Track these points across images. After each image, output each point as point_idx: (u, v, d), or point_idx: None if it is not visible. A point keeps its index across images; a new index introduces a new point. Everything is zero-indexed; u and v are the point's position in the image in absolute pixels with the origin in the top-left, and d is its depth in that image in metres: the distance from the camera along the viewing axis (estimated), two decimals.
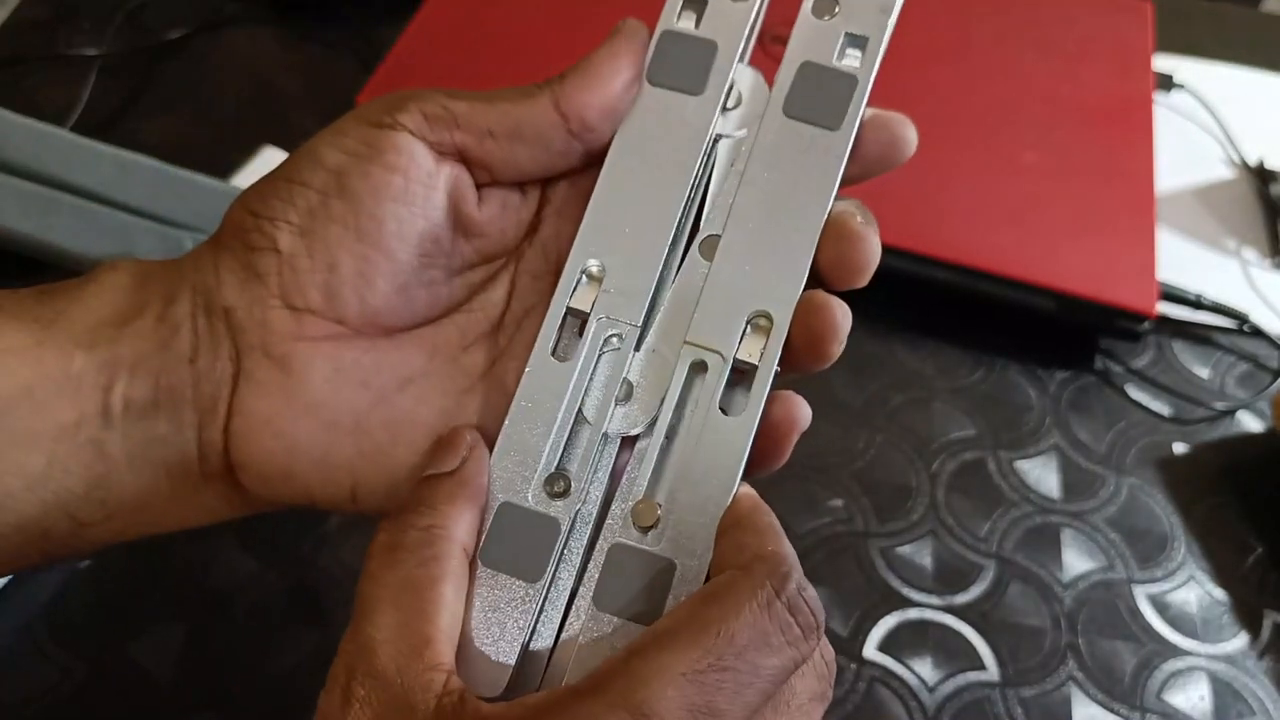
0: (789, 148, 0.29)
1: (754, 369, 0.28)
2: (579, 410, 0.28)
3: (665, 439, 0.28)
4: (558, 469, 0.28)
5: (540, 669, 0.27)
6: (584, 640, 0.26)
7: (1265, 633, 0.46)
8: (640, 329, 0.28)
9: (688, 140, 0.29)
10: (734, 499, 0.27)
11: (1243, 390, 0.55)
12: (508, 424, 0.28)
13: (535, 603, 0.26)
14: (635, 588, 0.26)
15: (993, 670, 0.45)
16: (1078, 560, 0.48)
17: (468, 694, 0.23)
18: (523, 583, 0.27)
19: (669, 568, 0.26)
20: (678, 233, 0.29)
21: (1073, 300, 0.54)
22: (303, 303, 0.28)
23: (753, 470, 0.28)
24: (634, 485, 0.27)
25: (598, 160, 0.29)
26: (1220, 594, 0.48)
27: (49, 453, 0.26)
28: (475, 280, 0.30)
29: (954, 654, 0.45)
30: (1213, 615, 0.47)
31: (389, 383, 0.29)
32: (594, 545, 0.27)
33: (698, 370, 0.28)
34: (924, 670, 0.44)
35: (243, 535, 0.46)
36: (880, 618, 0.46)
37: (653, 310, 0.29)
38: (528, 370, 0.28)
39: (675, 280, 0.29)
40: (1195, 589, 0.48)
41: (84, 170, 0.54)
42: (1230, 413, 0.54)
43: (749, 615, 0.24)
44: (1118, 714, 0.44)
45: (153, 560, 0.45)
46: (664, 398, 0.28)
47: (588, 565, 0.27)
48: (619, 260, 0.29)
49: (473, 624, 0.26)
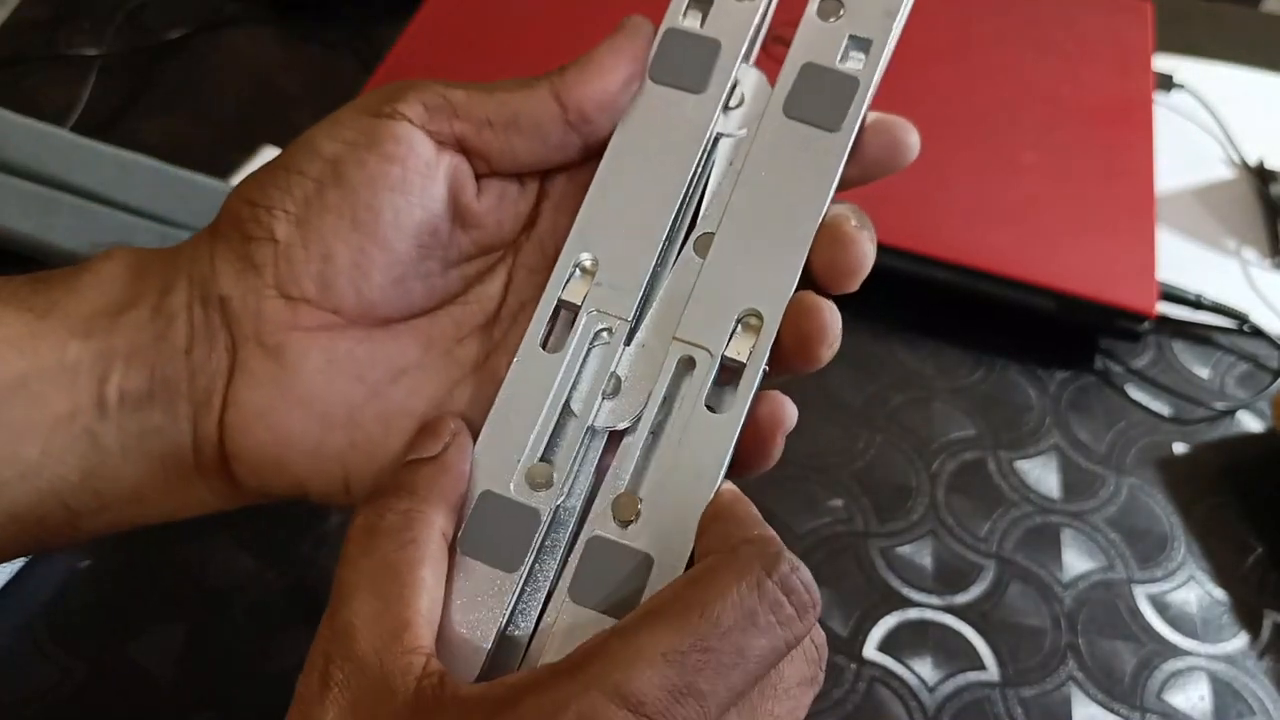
0: (787, 148, 0.29)
1: (742, 367, 0.27)
2: (566, 403, 0.28)
3: (651, 434, 0.28)
4: (541, 460, 0.27)
5: (517, 659, 0.26)
6: (558, 632, 0.26)
7: (1265, 633, 0.46)
8: (632, 324, 0.28)
9: (687, 138, 0.29)
10: (715, 495, 0.27)
11: (1243, 390, 0.55)
12: (493, 413, 0.28)
13: (511, 592, 0.26)
14: (612, 581, 0.26)
15: (993, 670, 0.45)
16: (1078, 560, 0.48)
17: (448, 676, 0.23)
18: (500, 572, 0.26)
19: (646, 562, 0.26)
20: (674, 229, 0.29)
21: (1073, 300, 0.53)
22: (298, 292, 0.28)
23: (742, 471, 0.28)
24: (617, 480, 0.27)
25: (596, 155, 0.29)
26: (1220, 594, 0.47)
27: (44, 443, 0.26)
28: (472, 273, 0.30)
29: (954, 654, 0.45)
30: (1213, 615, 0.47)
31: (382, 374, 0.28)
32: (577, 538, 0.27)
33: (686, 366, 0.28)
34: (924, 670, 0.44)
35: (242, 535, 0.46)
36: (880, 618, 0.46)
37: (646, 306, 0.29)
38: (515, 360, 0.28)
39: (669, 277, 0.29)
40: (1195, 589, 0.48)
41: (84, 170, 0.54)
42: (1230, 413, 0.54)
43: (735, 596, 0.23)
44: (1118, 714, 0.44)
45: (152, 560, 0.45)
46: (650, 393, 0.28)
47: (569, 558, 0.27)
48: (613, 254, 0.29)
49: (448, 611, 0.26)
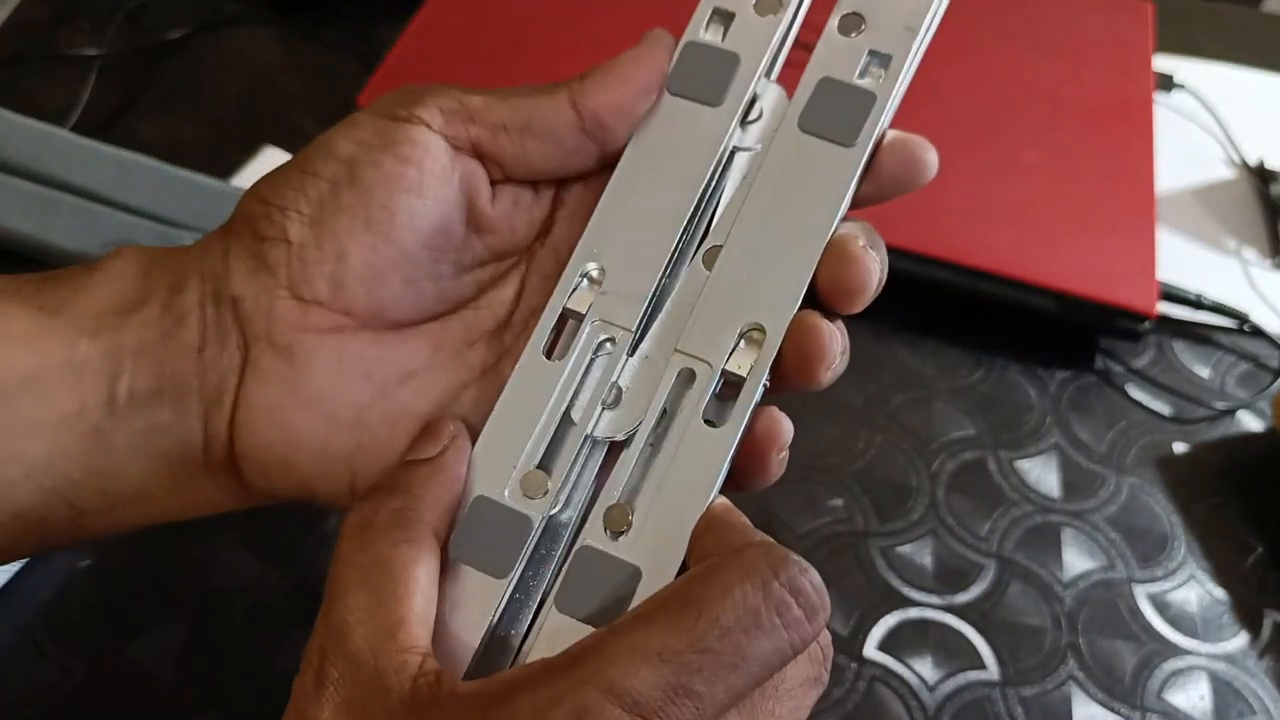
0: (800, 162, 0.28)
1: (742, 381, 0.27)
2: (566, 412, 0.28)
3: (649, 446, 0.27)
4: (538, 467, 0.27)
5: (505, 665, 0.26)
6: (543, 639, 0.26)
7: (1265, 632, 0.46)
8: (636, 335, 0.28)
9: (702, 151, 0.29)
10: (708, 509, 0.26)
11: (1243, 390, 0.55)
12: (493, 419, 0.28)
13: (499, 598, 0.26)
14: (599, 592, 0.26)
15: (993, 669, 0.45)
16: (1078, 560, 0.48)
17: (444, 674, 0.23)
18: (489, 577, 0.26)
19: (635, 574, 0.26)
20: (683, 242, 0.29)
21: (1073, 300, 0.53)
22: (310, 294, 0.28)
23: (740, 487, 0.28)
24: (613, 491, 0.27)
25: (613, 164, 0.29)
26: (1220, 593, 0.48)
27: (50, 441, 0.26)
28: (485, 278, 0.30)
29: (954, 653, 0.45)
30: (1213, 615, 0.47)
31: (391, 376, 0.28)
32: (571, 548, 0.27)
33: (686, 379, 0.28)
34: (924, 669, 0.44)
35: (244, 535, 0.46)
36: (880, 617, 0.46)
37: (651, 318, 0.28)
38: (518, 367, 0.28)
39: (676, 289, 0.29)
40: (1195, 588, 0.48)
41: (84, 170, 0.54)
42: (1230, 412, 0.54)
43: (737, 595, 0.23)
44: (1118, 713, 0.44)
45: (153, 560, 0.45)
46: (649, 404, 0.28)
47: (562, 568, 0.27)
48: (620, 265, 0.29)
49: (437, 613, 0.26)
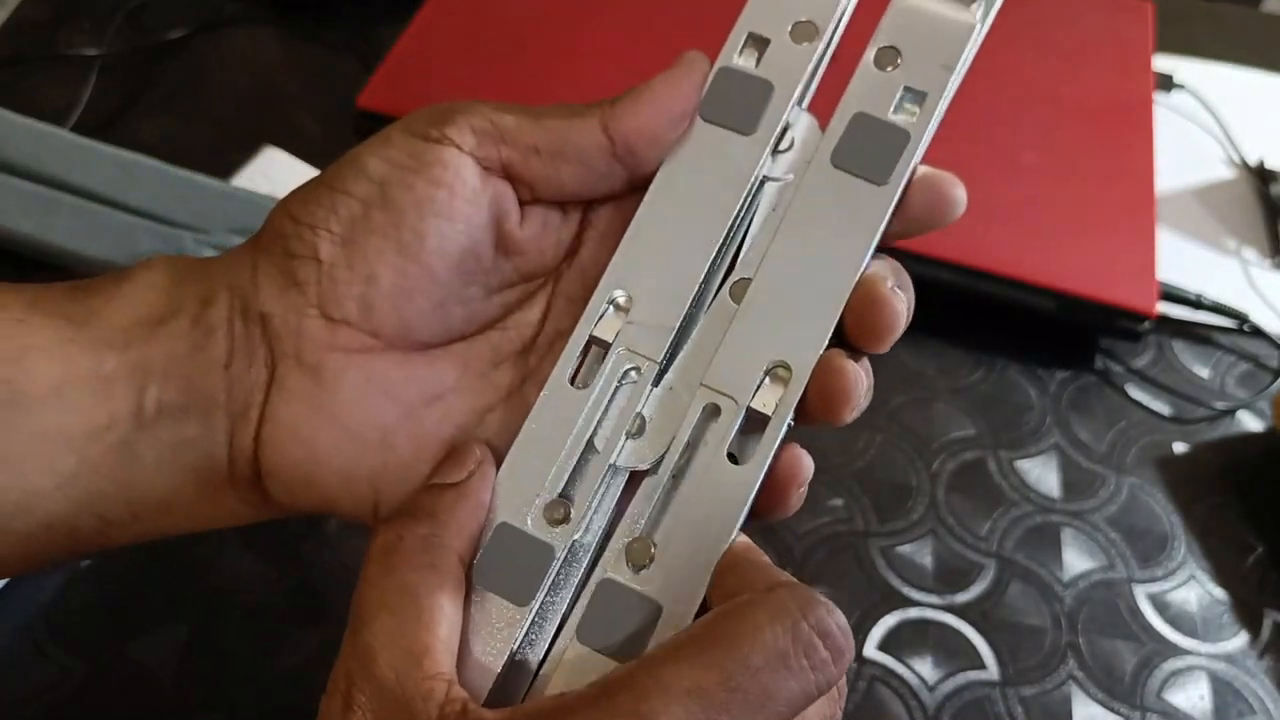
0: (831, 199, 0.28)
1: (767, 419, 0.27)
2: (590, 440, 0.28)
3: (671, 478, 0.27)
4: (561, 495, 0.27)
5: (522, 690, 0.26)
6: (564, 669, 0.26)
7: (1265, 632, 0.46)
8: (661, 365, 0.28)
9: (732, 179, 0.29)
10: (729, 546, 0.26)
11: (1243, 390, 0.55)
12: (516, 445, 0.28)
13: (520, 626, 0.26)
14: (619, 625, 0.26)
15: (993, 669, 0.45)
16: (1078, 559, 0.48)
17: (470, 704, 0.23)
18: (511, 605, 0.26)
19: (655, 610, 0.26)
20: (711, 272, 0.28)
21: (1073, 300, 0.54)
22: (339, 314, 0.27)
23: (756, 516, 0.28)
24: (635, 522, 0.27)
25: (642, 187, 0.29)
26: (1220, 593, 0.48)
27: (79, 453, 0.26)
28: (512, 299, 0.30)
29: (954, 653, 0.45)
30: (1213, 614, 0.47)
31: (417, 397, 0.28)
32: (590, 575, 0.27)
33: (711, 414, 0.27)
34: (924, 669, 0.44)
35: (245, 535, 0.46)
36: (880, 617, 0.46)
37: (677, 348, 0.28)
38: (543, 394, 0.28)
39: (702, 320, 0.28)
40: (1195, 588, 0.48)
41: (84, 170, 0.54)
42: (1230, 412, 0.54)
43: (768, 635, 0.23)
44: (1118, 713, 0.44)
45: (153, 560, 0.45)
46: (674, 437, 0.27)
47: (581, 595, 0.27)
48: (648, 293, 0.28)
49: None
